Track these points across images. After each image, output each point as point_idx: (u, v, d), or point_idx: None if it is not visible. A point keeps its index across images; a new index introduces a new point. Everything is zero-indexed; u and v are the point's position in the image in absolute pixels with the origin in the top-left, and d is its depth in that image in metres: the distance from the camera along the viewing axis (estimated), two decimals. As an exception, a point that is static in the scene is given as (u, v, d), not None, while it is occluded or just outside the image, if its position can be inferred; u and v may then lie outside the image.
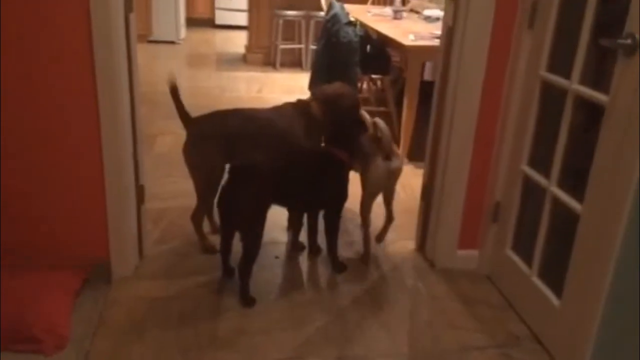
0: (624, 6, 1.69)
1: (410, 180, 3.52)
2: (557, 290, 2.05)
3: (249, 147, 2.46)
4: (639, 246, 1.63)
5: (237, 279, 2.29)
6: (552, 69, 2.12)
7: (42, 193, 2.22)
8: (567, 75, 1.99)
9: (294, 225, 2.74)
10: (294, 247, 2.71)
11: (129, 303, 2.24)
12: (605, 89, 1.78)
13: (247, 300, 2.27)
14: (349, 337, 2.14)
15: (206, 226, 2.71)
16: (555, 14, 2.08)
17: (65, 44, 2.05)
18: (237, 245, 2.30)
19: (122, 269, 2.38)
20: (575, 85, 1.96)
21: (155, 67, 6.30)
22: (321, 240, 2.62)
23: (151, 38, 7.58)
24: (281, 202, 2.41)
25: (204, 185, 2.51)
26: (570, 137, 2.03)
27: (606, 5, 1.89)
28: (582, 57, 1.93)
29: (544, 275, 2.20)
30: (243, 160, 2.36)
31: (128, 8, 2.14)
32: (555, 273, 2.07)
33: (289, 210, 2.71)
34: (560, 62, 2.07)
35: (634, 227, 1.65)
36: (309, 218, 2.63)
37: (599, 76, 1.95)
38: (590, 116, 1.93)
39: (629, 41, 1.62)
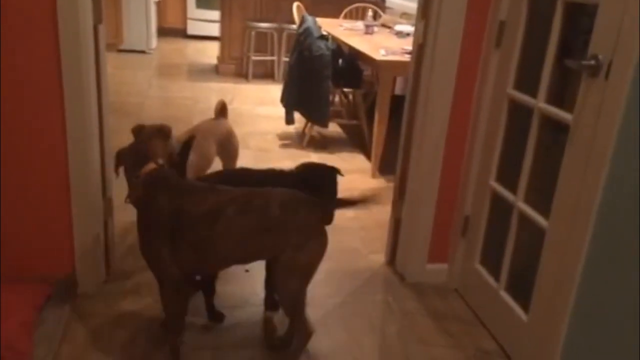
0: (588, 27, 1.74)
1: (382, 194, 3.54)
2: (525, 304, 2.08)
3: None
4: (603, 261, 1.66)
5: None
6: (519, 87, 2.17)
7: (5, 206, 2.17)
8: (533, 94, 2.04)
9: None
10: None
11: (94, 319, 2.19)
12: (570, 108, 1.83)
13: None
14: (317, 352, 2.13)
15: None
16: (522, 33, 2.13)
17: (32, 55, 2.01)
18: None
19: (88, 284, 2.33)
20: (541, 104, 2.00)
21: (125, 77, 6.22)
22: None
23: (121, 47, 7.49)
24: None
25: None
26: (536, 154, 2.07)
27: (571, 26, 1.94)
28: (548, 76, 1.98)
29: (511, 289, 2.23)
30: None
31: (97, 19, 2.12)
32: (522, 288, 2.11)
33: None
34: (527, 80, 2.12)
35: (598, 242, 1.68)
36: None
37: (564, 95, 2.00)
38: (556, 133, 1.97)
39: (592, 62, 1.67)
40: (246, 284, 2.53)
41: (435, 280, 2.63)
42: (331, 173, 2.25)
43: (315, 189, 2.16)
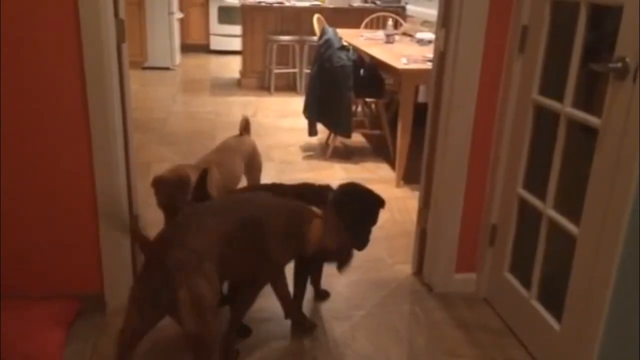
0: (613, 30, 1.71)
1: (407, 203, 3.51)
2: (557, 313, 2.03)
3: None
4: (637, 268, 1.61)
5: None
6: (544, 92, 2.13)
7: (33, 223, 2.20)
8: (559, 99, 2.00)
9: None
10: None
11: (123, 334, 2.21)
12: (597, 112, 1.79)
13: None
14: (347, 365, 2.11)
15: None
16: (545, 37, 2.09)
17: (57, 75, 2.05)
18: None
19: (117, 300, 2.34)
20: (567, 109, 1.96)
21: (150, 93, 6.31)
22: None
23: (146, 64, 7.61)
24: None
25: None
26: (564, 160, 2.03)
27: (596, 29, 1.90)
28: (574, 80, 1.94)
29: (543, 298, 2.18)
30: None
31: (120, 38, 2.15)
32: (554, 296, 2.06)
33: None
34: (552, 85, 2.08)
35: (631, 248, 1.64)
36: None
37: (591, 99, 1.96)
38: (584, 138, 1.93)
39: (619, 65, 1.63)
40: (274, 298, 2.52)
41: (464, 290, 2.59)
42: (377, 204, 2.18)
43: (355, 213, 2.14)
